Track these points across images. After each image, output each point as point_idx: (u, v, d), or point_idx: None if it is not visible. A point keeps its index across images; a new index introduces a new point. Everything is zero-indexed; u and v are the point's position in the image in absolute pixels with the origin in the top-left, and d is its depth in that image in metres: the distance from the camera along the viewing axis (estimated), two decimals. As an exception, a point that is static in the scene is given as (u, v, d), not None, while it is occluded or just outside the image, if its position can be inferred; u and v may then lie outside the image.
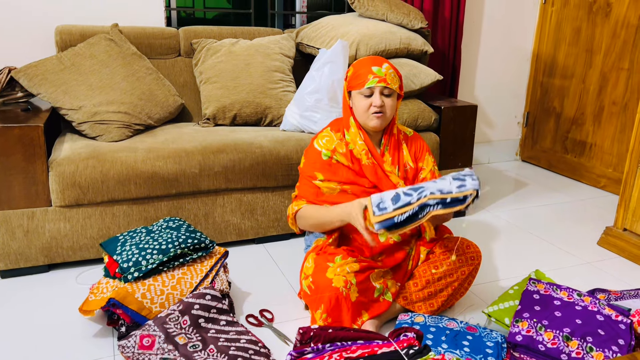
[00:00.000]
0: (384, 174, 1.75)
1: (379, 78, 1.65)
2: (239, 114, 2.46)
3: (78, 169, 1.96)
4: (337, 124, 1.81)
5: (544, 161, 3.60)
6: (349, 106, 1.76)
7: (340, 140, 1.75)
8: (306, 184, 1.76)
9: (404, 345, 1.41)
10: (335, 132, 1.78)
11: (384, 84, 1.66)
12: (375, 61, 1.69)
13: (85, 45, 2.35)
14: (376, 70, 1.66)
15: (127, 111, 2.25)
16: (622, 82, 3.03)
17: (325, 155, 1.74)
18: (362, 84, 1.67)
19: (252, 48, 2.55)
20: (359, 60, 1.74)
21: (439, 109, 2.56)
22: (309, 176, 1.76)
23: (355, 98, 1.71)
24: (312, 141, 1.79)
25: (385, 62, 1.69)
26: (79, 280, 2.00)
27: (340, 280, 1.60)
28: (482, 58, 3.47)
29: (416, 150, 1.84)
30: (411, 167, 1.81)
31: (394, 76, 1.69)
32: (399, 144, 1.81)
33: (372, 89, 1.67)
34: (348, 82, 1.73)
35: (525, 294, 1.71)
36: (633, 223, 2.30)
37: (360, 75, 1.68)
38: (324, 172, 1.74)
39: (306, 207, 1.74)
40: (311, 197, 1.75)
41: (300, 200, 1.77)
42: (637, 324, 1.60)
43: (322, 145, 1.76)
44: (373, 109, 1.68)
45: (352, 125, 1.75)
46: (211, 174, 2.13)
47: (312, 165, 1.75)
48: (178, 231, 1.80)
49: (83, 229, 2.03)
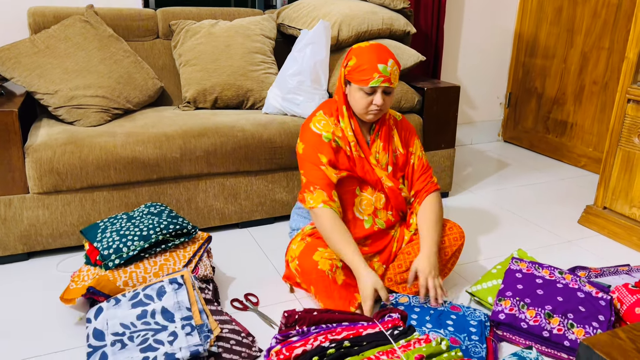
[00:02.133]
0: (370, 166, 1.74)
1: (384, 78, 1.59)
2: (220, 97, 2.42)
3: (55, 155, 1.92)
4: (328, 108, 1.75)
5: (526, 141, 3.63)
6: (344, 93, 1.71)
7: (336, 125, 1.71)
8: (312, 169, 1.67)
9: (388, 326, 1.42)
10: (329, 116, 1.72)
11: (388, 84, 1.61)
12: (380, 56, 1.60)
13: (59, 27, 2.28)
14: (382, 69, 1.59)
15: (105, 95, 2.19)
16: (602, 61, 3.05)
17: (327, 137, 1.68)
18: (366, 81, 1.60)
19: (232, 29, 2.50)
20: (363, 49, 1.64)
21: (421, 90, 2.55)
22: (314, 160, 1.67)
23: (355, 91, 1.64)
24: (306, 125, 1.73)
25: (390, 58, 1.62)
26: (59, 268, 1.97)
27: (326, 264, 1.60)
28: (464, 39, 3.46)
29: (405, 135, 1.82)
30: (401, 152, 1.80)
31: (397, 73, 1.64)
32: (389, 129, 1.79)
33: (376, 88, 1.62)
34: (349, 72, 1.65)
35: (507, 273, 1.73)
36: (613, 201, 2.33)
37: (365, 71, 1.60)
38: (327, 155, 1.67)
39: (326, 215, 1.61)
40: (321, 183, 1.65)
41: (318, 192, 1.64)
42: (616, 300, 1.64)
43: (320, 129, 1.70)
44: (374, 107, 1.64)
45: (345, 113, 1.71)
46: (192, 158, 2.10)
47: (314, 148, 1.67)
48: (160, 217, 1.78)
49: (62, 216, 1.99)
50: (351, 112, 1.72)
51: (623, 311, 1.61)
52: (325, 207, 1.62)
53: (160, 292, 1.53)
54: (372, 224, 1.75)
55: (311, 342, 1.33)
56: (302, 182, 1.71)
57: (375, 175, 1.73)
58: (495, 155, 3.48)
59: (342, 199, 1.73)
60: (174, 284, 1.55)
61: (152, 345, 1.40)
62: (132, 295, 1.53)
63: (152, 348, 1.39)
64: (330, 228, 1.61)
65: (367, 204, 1.76)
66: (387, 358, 1.26)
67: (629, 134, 2.23)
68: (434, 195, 1.78)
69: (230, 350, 1.46)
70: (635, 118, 2.20)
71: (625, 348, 0.82)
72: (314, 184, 1.66)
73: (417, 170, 1.80)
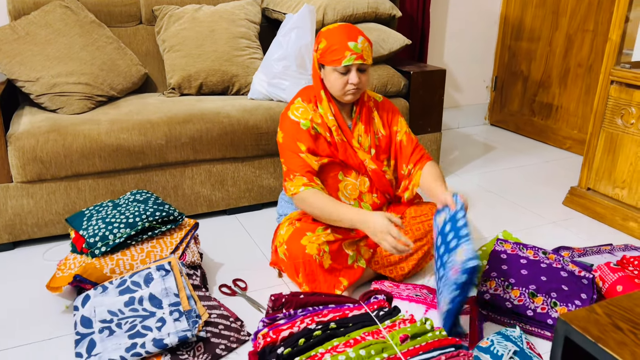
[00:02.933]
0: (352, 150, 1.74)
1: (356, 55, 1.59)
2: (205, 83, 2.40)
3: (39, 143, 1.90)
4: (306, 94, 1.75)
5: (512, 124, 3.65)
6: (320, 77, 1.70)
7: (314, 112, 1.71)
8: (292, 157, 1.68)
9: (374, 307, 1.43)
10: (307, 102, 1.72)
11: (361, 61, 1.60)
12: (350, 34, 1.61)
13: (39, 13, 2.24)
14: (353, 47, 1.58)
15: (88, 82, 2.17)
16: (587, 43, 3.06)
17: (305, 125, 1.68)
18: (339, 61, 1.59)
19: (217, 14, 2.48)
20: (331, 30, 1.65)
21: (408, 74, 2.55)
22: (293, 148, 1.68)
23: (329, 73, 1.64)
24: (285, 113, 1.73)
25: (360, 35, 1.62)
26: (46, 257, 1.96)
27: (313, 248, 1.61)
28: (450, 22, 3.46)
29: (387, 116, 1.82)
30: (383, 134, 1.80)
31: (369, 49, 1.63)
32: (370, 111, 1.79)
33: (349, 67, 1.61)
34: (320, 55, 1.65)
35: (492, 254, 1.75)
36: (596, 182, 2.36)
37: (336, 51, 1.59)
38: (306, 142, 1.67)
39: (309, 195, 1.63)
40: (301, 170, 1.66)
41: (296, 180, 1.66)
42: (599, 278, 1.67)
43: (298, 116, 1.69)
44: (350, 86, 1.64)
45: (323, 98, 1.71)
46: (178, 145, 2.09)
47: (293, 136, 1.68)
48: (146, 204, 1.77)
49: (48, 205, 1.98)
50: (330, 95, 1.71)
51: (605, 289, 1.64)
52: (307, 189, 1.63)
53: (147, 279, 1.53)
54: (358, 207, 1.77)
55: (298, 324, 1.34)
56: (283, 170, 1.72)
57: (358, 159, 1.74)
58: (481, 139, 3.50)
59: (327, 185, 1.74)
60: (162, 271, 1.55)
61: (140, 331, 1.41)
62: (119, 282, 1.53)
63: (140, 334, 1.40)
64: (319, 202, 1.61)
65: (352, 189, 1.77)
66: (372, 339, 1.28)
67: (612, 115, 2.25)
68: (434, 162, 1.80)
69: (218, 335, 1.47)
70: (618, 99, 2.22)
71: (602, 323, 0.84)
72: (294, 171, 1.66)
73: (408, 145, 1.80)
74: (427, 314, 1.55)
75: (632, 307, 0.89)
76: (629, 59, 2.24)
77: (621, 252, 1.93)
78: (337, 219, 1.62)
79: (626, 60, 2.23)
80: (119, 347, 1.37)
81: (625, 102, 2.19)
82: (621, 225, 2.23)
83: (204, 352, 1.42)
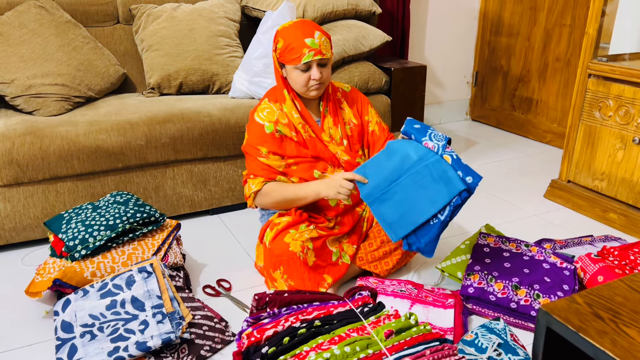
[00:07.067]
0: (323, 144, 1.74)
1: (314, 51, 1.59)
2: (185, 82, 2.38)
3: (14, 146, 1.86)
4: (273, 94, 1.74)
5: (493, 119, 3.68)
6: (282, 77, 1.70)
7: (281, 111, 1.71)
8: (252, 160, 1.71)
9: (358, 303, 1.43)
10: (274, 102, 1.72)
11: (320, 56, 1.60)
12: (306, 30, 1.60)
13: (13, 13, 2.20)
14: (310, 43, 1.58)
15: (65, 83, 2.13)
16: (564, 38, 3.10)
17: (268, 128, 1.69)
18: (298, 59, 1.59)
19: (195, 12, 2.45)
20: (287, 29, 1.64)
21: (389, 70, 2.55)
22: (253, 152, 1.70)
23: (291, 71, 1.64)
24: (251, 115, 1.73)
25: (316, 30, 1.61)
26: (24, 262, 1.92)
27: (297, 245, 1.60)
28: (431, 18, 3.47)
29: (358, 105, 1.82)
30: (355, 123, 1.80)
31: (327, 43, 1.63)
32: (338, 103, 1.79)
33: (309, 63, 1.61)
34: (280, 55, 1.64)
35: (476, 248, 1.76)
36: (576, 175, 2.39)
37: (294, 49, 1.59)
38: (268, 145, 1.69)
39: (270, 185, 1.69)
40: (263, 174, 1.70)
41: (257, 179, 1.70)
42: (580, 269, 1.69)
43: (263, 118, 1.70)
44: (313, 82, 1.64)
45: (286, 97, 1.71)
46: (158, 145, 2.06)
47: (255, 140, 1.70)
48: (126, 206, 1.75)
49: (25, 209, 1.94)
50: (294, 94, 1.72)
51: (586, 280, 1.66)
52: (266, 183, 1.69)
53: (129, 282, 1.51)
54: (337, 201, 1.76)
55: (282, 323, 1.34)
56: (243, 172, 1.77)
57: (329, 152, 1.74)
58: (463, 134, 3.52)
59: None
60: (144, 273, 1.53)
61: (122, 335, 1.39)
62: (100, 285, 1.51)
63: (123, 338, 1.38)
64: (281, 188, 1.68)
65: None
66: (357, 335, 1.28)
67: (590, 108, 2.28)
68: None
69: (203, 336, 1.46)
70: (596, 92, 2.24)
71: (582, 312, 0.85)
72: (253, 173, 1.72)
73: (381, 135, 1.80)
74: (412, 309, 1.55)
75: (612, 296, 0.90)
76: (605, 52, 2.27)
77: (601, 243, 1.96)
78: (303, 196, 1.66)
79: (603, 54, 2.26)
80: (101, 351, 1.35)
81: (603, 95, 2.22)
82: (601, 217, 2.26)
83: (188, 353, 1.40)
